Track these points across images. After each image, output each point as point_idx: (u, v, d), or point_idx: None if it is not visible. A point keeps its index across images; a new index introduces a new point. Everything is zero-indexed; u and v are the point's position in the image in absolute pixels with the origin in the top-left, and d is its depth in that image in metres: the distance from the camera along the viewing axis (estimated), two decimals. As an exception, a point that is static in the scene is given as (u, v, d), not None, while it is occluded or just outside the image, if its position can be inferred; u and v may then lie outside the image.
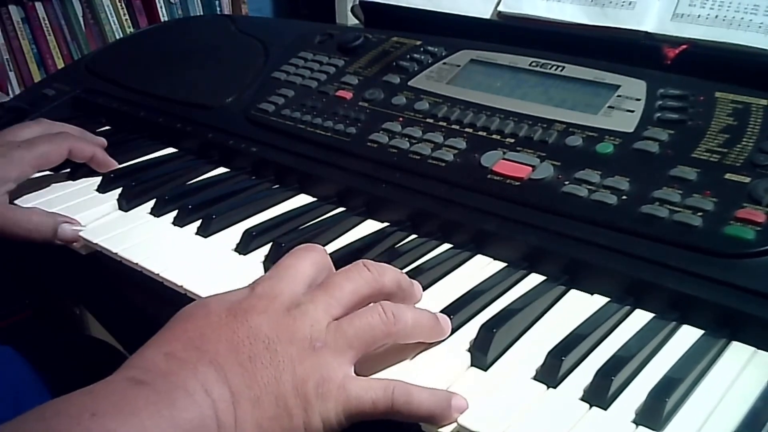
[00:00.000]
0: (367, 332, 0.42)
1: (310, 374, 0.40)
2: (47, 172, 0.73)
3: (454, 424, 0.41)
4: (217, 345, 0.40)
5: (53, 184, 0.72)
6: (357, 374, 0.43)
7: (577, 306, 0.50)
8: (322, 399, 0.40)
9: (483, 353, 0.45)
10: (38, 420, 0.35)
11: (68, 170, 0.74)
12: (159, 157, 0.78)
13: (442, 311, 0.48)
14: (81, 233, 0.63)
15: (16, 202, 0.68)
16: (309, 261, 0.46)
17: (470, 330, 0.48)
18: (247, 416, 0.39)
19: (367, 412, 0.41)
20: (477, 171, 0.61)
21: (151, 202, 0.67)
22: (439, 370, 0.45)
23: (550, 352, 0.44)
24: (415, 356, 0.46)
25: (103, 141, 0.75)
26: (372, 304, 0.44)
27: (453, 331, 0.48)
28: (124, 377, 0.39)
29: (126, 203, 0.68)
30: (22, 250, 0.73)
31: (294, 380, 0.40)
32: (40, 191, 0.71)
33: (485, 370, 0.45)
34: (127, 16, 2.01)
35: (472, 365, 0.45)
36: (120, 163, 0.75)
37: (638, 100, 0.62)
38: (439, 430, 0.41)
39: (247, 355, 0.40)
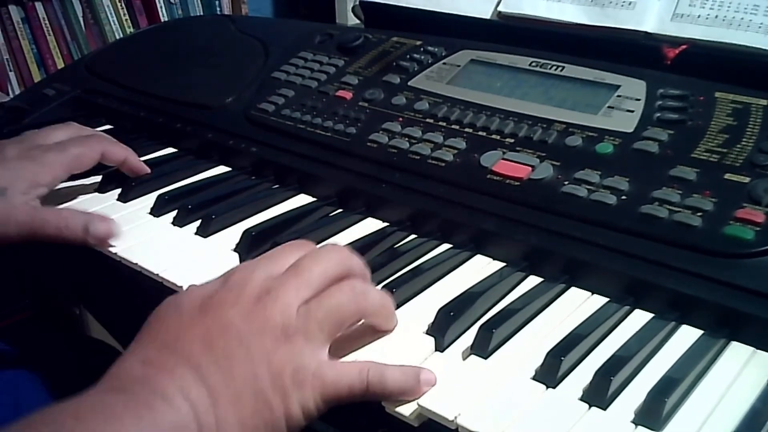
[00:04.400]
0: (337, 312, 0.43)
1: (285, 364, 0.41)
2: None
3: (415, 404, 0.42)
4: (191, 346, 0.40)
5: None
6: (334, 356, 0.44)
7: (577, 306, 0.50)
8: (299, 388, 0.41)
9: (482, 353, 0.45)
10: (24, 428, 0.36)
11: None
12: (159, 157, 0.78)
13: (440, 309, 0.48)
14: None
15: None
16: (293, 254, 0.46)
17: (468, 331, 0.48)
18: (228, 415, 0.39)
19: (344, 396, 0.42)
20: (477, 171, 0.61)
21: (151, 202, 0.67)
22: (438, 369, 0.44)
23: (549, 352, 0.44)
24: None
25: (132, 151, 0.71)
26: (340, 282, 0.45)
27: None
28: (104, 388, 0.39)
29: (125, 203, 0.68)
30: (22, 250, 0.73)
31: (270, 373, 0.40)
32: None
33: (484, 370, 0.45)
34: (127, 16, 2.01)
35: (470, 365, 0.45)
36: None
37: (638, 100, 0.62)
38: (397, 409, 0.42)
39: (222, 352, 0.40)
